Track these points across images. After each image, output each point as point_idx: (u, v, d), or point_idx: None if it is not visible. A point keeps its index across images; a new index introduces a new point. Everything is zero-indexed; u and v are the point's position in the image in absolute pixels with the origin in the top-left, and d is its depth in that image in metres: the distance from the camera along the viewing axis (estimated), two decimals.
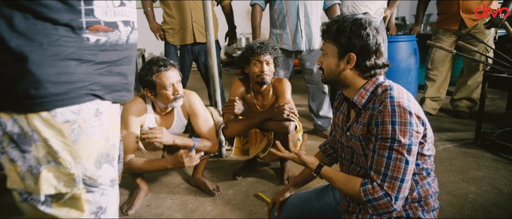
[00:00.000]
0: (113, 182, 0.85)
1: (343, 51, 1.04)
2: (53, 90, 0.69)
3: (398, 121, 0.93)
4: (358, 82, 1.07)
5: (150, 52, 6.89)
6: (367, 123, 1.02)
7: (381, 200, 0.95)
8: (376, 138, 0.97)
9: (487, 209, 1.69)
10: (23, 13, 0.66)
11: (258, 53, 1.88)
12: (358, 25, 1.01)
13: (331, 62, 1.07)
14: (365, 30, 1.01)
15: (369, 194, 0.97)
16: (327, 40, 1.08)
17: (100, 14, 0.75)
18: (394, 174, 0.95)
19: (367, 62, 1.03)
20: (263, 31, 2.81)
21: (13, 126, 0.70)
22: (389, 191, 0.95)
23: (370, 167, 1.00)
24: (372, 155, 0.99)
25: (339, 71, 1.06)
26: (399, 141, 0.93)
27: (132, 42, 0.85)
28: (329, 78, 1.10)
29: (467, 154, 2.35)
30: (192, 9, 2.68)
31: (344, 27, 1.02)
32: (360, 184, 1.01)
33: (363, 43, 1.01)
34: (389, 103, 0.96)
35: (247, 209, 1.80)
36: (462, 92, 3.13)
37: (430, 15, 5.22)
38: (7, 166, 0.74)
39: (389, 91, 1.01)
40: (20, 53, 0.66)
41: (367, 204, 0.99)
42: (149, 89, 1.69)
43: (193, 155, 1.58)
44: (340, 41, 1.03)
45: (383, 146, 0.96)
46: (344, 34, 1.02)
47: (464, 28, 2.87)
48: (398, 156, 0.94)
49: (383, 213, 0.98)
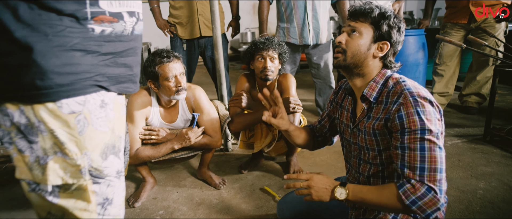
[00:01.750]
0: (119, 174, 0.85)
1: (379, 37, 1.02)
2: (58, 81, 0.69)
3: (423, 110, 0.91)
4: (373, 73, 1.05)
5: (155, 46, 6.91)
6: (385, 118, 0.98)
7: (426, 197, 0.87)
8: (403, 133, 0.93)
9: (496, 205, 1.66)
10: (28, 3, 0.65)
11: (262, 49, 1.86)
12: (399, 19, 1.03)
13: (362, 43, 1.02)
14: (402, 27, 1.03)
15: (411, 195, 0.88)
16: (362, 20, 1.03)
17: (105, 4, 0.74)
18: (432, 166, 0.89)
19: (392, 57, 1.05)
20: (269, 25, 2.79)
21: (20, 117, 0.71)
22: (431, 184, 0.88)
23: (401, 166, 0.93)
24: (402, 153, 0.93)
25: (367, 55, 1.03)
26: (429, 129, 0.89)
27: (137, 33, 0.84)
28: (352, 61, 1.04)
29: (475, 149, 2.31)
30: (198, 3, 2.67)
31: (388, 15, 1.01)
32: (396, 187, 0.91)
33: (398, 38, 1.02)
34: (409, 94, 0.94)
35: (253, 202, 1.80)
36: (471, 88, 3.08)
37: (439, 10, 5.14)
38: (16, 157, 0.74)
39: (402, 83, 0.99)
40: (25, 44, 0.65)
41: (412, 207, 0.88)
42: (153, 81, 1.70)
43: (195, 129, 1.60)
44: (380, 27, 1.01)
45: (413, 139, 0.91)
46: (386, 22, 1.01)
47: (474, 22, 2.82)
48: (431, 146, 0.89)
49: (431, 213, 0.88)
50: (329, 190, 1.01)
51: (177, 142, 1.73)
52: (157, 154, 1.73)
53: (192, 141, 1.67)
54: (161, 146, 1.73)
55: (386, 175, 1.07)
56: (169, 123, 1.87)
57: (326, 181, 1.02)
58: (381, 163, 1.06)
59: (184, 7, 2.68)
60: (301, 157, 2.34)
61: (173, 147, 1.72)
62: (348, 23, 1.07)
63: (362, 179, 1.14)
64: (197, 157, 2.18)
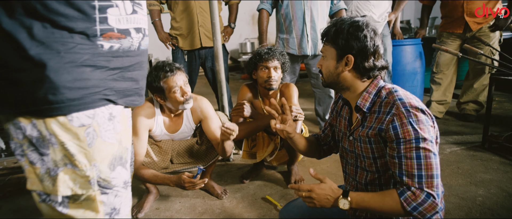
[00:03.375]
0: (126, 184, 0.88)
1: (341, 53, 1.05)
2: (69, 96, 0.72)
3: (415, 120, 0.95)
4: (358, 84, 1.09)
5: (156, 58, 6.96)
6: (378, 128, 1.02)
7: (425, 203, 0.92)
8: (399, 143, 0.96)
9: (495, 212, 1.68)
10: (42, 22, 0.69)
11: (266, 59, 1.90)
12: (355, 27, 1.03)
13: (330, 65, 1.08)
14: (362, 32, 1.02)
15: (412, 202, 0.93)
16: (326, 43, 1.10)
17: (114, 21, 0.78)
18: (429, 172, 0.94)
19: (365, 63, 1.04)
20: (269, 35, 2.84)
21: (32, 130, 0.73)
22: (429, 190, 0.93)
23: (400, 174, 0.97)
24: (399, 162, 0.97)
25: (337, 73, 1.08)
26: (423, 138, 0.94)
27: (143, 49, 0.88)
28: (329, 81, 1.11)
29: (474, 157, 2.34)
30: (198, 14, 2.72)
31: (342, 29, 1.03)
32: (397, 194, 0.96)
33: (360, 45, 1.02)
34: (401, 105, 0.97)
35: (255, 212, 1.82)
36: (469, 96, 3.12)
37: (435, 18, 5.21)
38: (27, 168, 0.77)
39: (395, 93, 1.02)
40: (39, 61, 0.69)
41: (414, 213, 0.93)
42: (159, 95, 1.73)
43: (195, 181, 1.61)
44: (338, 43, 1.04)
45: (409, 148, 0.95)
46: (341, 36, 1.03)
47: (469, 31, 2.87)
48: (427, 153, 0.94)
49: (430, 216, 0.94)
50: (331, 201, 1.03)
51: (174, 182, 1.68)
52: (153, 181, 1.72)
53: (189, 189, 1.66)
54: (159, 176, 1.72)
55: (383, 182, 1.10)
56: (173, 132, 1.89)
57: (328, 191, 1.04)
58: (377, 170, 1.09)
59: (185, 19, 2.73)
60: (302, 166, 2.36)
61: (169, 184, 1.69)
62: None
63: (359, 187, 1.17)
64: None
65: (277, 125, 1.24)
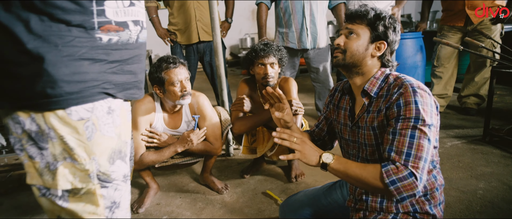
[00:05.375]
0: (126, 178, 0.87)
1: (376, 37, 1.07)
2: (68, 89, 0.72)
3: (421, 101, 0.95)
4: (372, 72, 1.10)
5: (156, 54, 6.95)
6: (386, 107, 1.02)
7: (406, 180, 0.90)
8: (398, 119, 0.97)
9: (496, 205, 1.68)
10: (39, 15, 0.68)
11: (262, 56, 1.89)
12: (394, 19, 1.08)
13: (360, 44, 1.07)
14: (398, 27, 1.08)
15: (392, 174, 0.91)
16: (359, 22, 1.08)
17: (111, 14, 0.77)
18: (418, 153, 0.92)
19: (389, 55, 1.09)
20: (268, 30, 2.84)
21: (31, 124, 0.73)
22: (413, 170, 0.91)
23: (389, 150, 0.97)
24: (392, 137, 0.97)
25: (365, 55, 1.08)
26: (423, 119, 0.94)
27: (141, 41, 0.88)
28: (351, 60, 1.09)
29: (475, 150, 2.33)
30: (196, 9, 2.71)
31: (383, 16, 1.06)
32: (380, 166, 0.95)
33: (394, 38, 1.07)
34: (409, 85, 0.98)
35: (255, 206, 1.82)
36: (470, 89, 3.11)
37: (436, 12, 5.19)
38: (27, 163, 0.77)
39: (402, 77, 1.04)
40: (37, 54, 0.68)
41: (390, 187, 0.91)
42: (158, 86, 1.73)
43: (197, 131, 1.63)
44: (376, 28, 1.06)
45: (406, 126, 0.95)
46: (382, 23, 1.06)
47: (470, 24, 2.86)
48: (421, 135, 0.94)
49: (406, 197, 0.92)
50: (317, 156, 1.03)
51: (179, 145, 1.77)
52: (160, 158, 1.77)
53: (195, 142, 1.70)
54: (164, 149, 1.76)
55: None
56: (173, 128, 1.89)
57: (315, 147, 1.05)
58: (380, 159, 1.08)
59: (183, 14, 2.72)
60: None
61: (176, 150, 1.76)
62: (345, 25, 1.12)
63: None
64: (200, 163, 2.20)
65: (276, 113, 1.24)
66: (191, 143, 1.75)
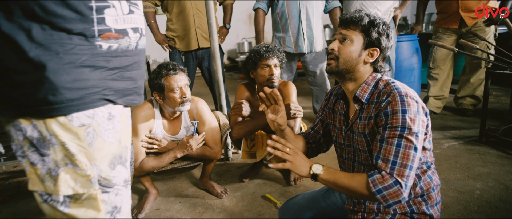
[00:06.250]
0: (127, 183, 0.88)
1: (369, 44, 1.08)
2: (69, 96, 0.73)
3: (408, 109, 0.96)
4: (363, 77, 1.11)
5: (154, 59, 6.97)
6: (375, 115, 1.04)
7: (391, 188, 0.93)
8: (385, 127, 0.99)
9: (493, 204, 1.70)
10: (41, 24, 0.70)
11: (266, 57, 1.89)
12: (387, 26, 1.09)
13: (353, 50, 1.08)
14: (391, 34, 1.09)
15: (378, 184, 0.94)
16: (353, 28, 1.09)
17: (111, 22, 0.79)
18: (403, 162, 0.95)
19: (381, 61, 1.11)
20: (265, 35, 2.86)
21: (33, 131, 0.74)
22: (399, 178, 0.94)
23: (376, 157, 0.99)
24: (380, 145, 0.99)
25: (358, 61, 1.09)
26: (409, 128, 0.95)
27: (141, 48, 0.89)
28: (344, 67, 1.10)
29: (472, 151, 2.35)
30: (195, 16, 2.73)
31: (377, 23, 1.07)
32: (367, 175, 0.98)
33: (387, 44, 1.08)
34: (397, 94, 0.99)
35: (255, 210, 1.83)
36: (466, 90, 3.14)
37: (431, 14, 5.23)
38: (28, 169, 0.77)
39: (392, 84, 1.05)
40: (38, 62, 0.69)
41: (377, 195, 0.94)
42: (158, 93, 1.74)
43: (196, 137, 1.64)
44: (370, 34, 1.07)
45: (393, 134, 0.97)
46: (376, 29, 1.06)
47: (464, 26, 2.89)
48: (408, 144, 0.95)
49: (392, 203, 0.95)
50: (307, 167, 1.05)
51: (179, 150, 1.78)
52: (160, 164, 1.78)
53: (194, 148, 1.72)
54: (164, 155, 1.77)
55: None
56: (172, 134, 1.90)
57: (305, 159, 1.07)
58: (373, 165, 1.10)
59: (182, 20, 2.74)
60: None
61: (175, 155, 1.77)
62: (339, 30, 1.13)
63: None
64: (199, 168, 2.21)
65: (269, 114, 1.24)
66: (191, 148, 1.76)
